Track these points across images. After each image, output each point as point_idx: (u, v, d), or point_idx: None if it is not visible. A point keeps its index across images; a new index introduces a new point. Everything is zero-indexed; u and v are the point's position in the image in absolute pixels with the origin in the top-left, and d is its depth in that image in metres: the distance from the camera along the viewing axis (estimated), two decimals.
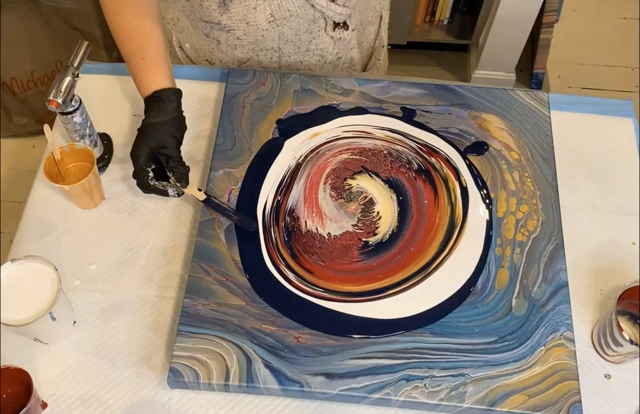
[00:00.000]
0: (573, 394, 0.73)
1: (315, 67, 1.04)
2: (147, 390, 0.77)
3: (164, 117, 0.84)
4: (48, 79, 1.84)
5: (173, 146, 0.84)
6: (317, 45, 0.99)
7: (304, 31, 0.96)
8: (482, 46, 1.98)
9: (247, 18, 0.93)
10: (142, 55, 0.85)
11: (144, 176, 0.83)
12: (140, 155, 0.82)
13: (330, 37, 0.98)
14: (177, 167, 0.84)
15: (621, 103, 1.01)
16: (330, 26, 0.97)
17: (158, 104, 0.84)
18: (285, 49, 0.98)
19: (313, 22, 0.95)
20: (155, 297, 0.83)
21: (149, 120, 0.84)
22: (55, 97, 0.82)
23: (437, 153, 0.92)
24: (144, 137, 0.83)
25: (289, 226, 0.85)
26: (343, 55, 1.04)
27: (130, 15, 0.85)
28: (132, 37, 0.85)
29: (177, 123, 0.85)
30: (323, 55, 1.02)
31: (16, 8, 1.71)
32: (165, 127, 0.84)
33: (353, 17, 0.99)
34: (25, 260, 0.76)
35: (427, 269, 0.82)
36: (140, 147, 0.83)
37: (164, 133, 0.83)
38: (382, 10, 1.10)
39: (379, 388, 0.73)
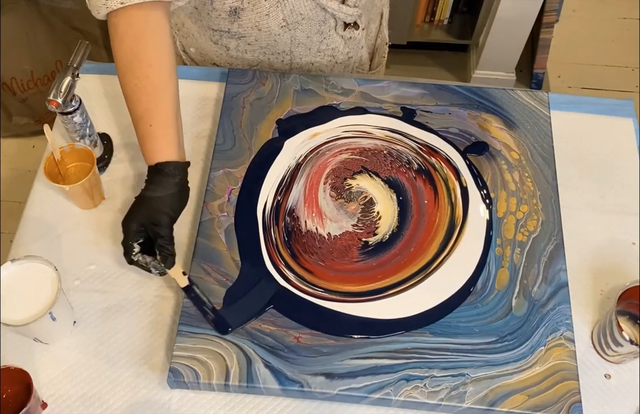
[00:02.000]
0: (573, 394, 0.73)
1: (327, 68, 1.04)
2: (147, 390, 0.77)
3: (163, 193, 0.78)
4: (48, 79, 1.84)
5: (165, 224, 0.78)
6: (328, 45, 0.99)
7: (314, 32, 0.95)
8: (482, 46, 1.98)
9: (259, 25, 0.92)
10: (149, 122, 0.79)
11: (129, 250, 0.78)
12: (130, 228, 0.77)
13: (341, 36, 0.98)
14: (165, 247, 0.78)
15: (621, 103, 1.01)
16: (340, 26, 0.97)
17: (159, 178, 0.78)
18: (296, 51, 0.98)
19: (323, 22, 0.94)
20: (155, 297, 0.83)
21: (147, 193, 0.78)
22: (55, 97, 0.82)
23: (437, 153, 0.92)
24: (137, 210, 0.78)
25: (288, 226, 0.85)
26: (354, 54, 1.04)
27: (144, 72, 0.78)
28: (141, 99, 0.79)
29: (176, 199, 0.79)
30: (334, 55, 1.01)
31: (16, 8, 1.71)
32: (161, 204, 0.78)
33: (363, 17, 0.99)
34: (25, 260, 0.76)
35: (427, 269, 0.82)
36: (131, 218, 0.78)
37: (158, 210, 0.77)
38: (383, 8, 1.10)
39: (379, 388, 0.73)
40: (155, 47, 0.79)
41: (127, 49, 0.78)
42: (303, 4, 0.90)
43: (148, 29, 0.79)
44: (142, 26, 0.78)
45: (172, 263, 0.79)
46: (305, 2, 0.90)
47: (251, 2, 0.89)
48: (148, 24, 0.78)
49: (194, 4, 0.92)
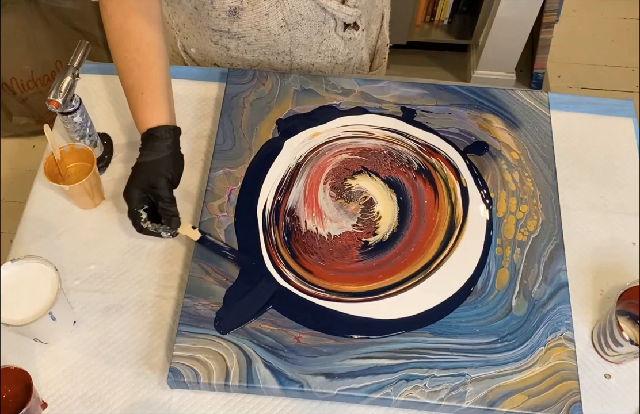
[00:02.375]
0: (573, 394, 0.73)
1: (327, 69, 1.04)
2: (147, 390, 0.77)
3: (156, 156, 0.79)
4: (48, 79, 1.84)
5: (164, 186, 0.79)
6: (328, 46, 0.99)
7: (314, 33, 0.95)
8: (482, 46, 1.98)
9: (258, 25, 0.92)
10: (140, 90, 0.81)
11: (137, 218, 0.79)
12: (132, 197, 0.79)
13: (341, 37, 0.98)
14: (168, 208, 0.79)
15: (621, 103, 1.01)
16: (340, 27, 0.97)
17: (152, 143, 0.80)
18: (296, 52, 0.98)
19: (323, 23, 0.94)
20: (155, 297, 0.83)
21: (142, 160, 0.80)
22: (55, 97, 0.82)
23: (437, 153, 0.92)
24: (135, 177, 0.79)
25: (288, 226, 0.85)
26: (354, 55, 1.04)
27: (134, 45, 0.82)
28: (132, 69, 0.82)
29: (170, 162, 0.80)
30: (334, 56, 1.01)
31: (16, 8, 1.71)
32: (157, 167, 0.79)
33: (363, 18, 0.99)
34: (25, 260, 0.76)
35: (427, 269, 0.82)
36: (131, 187, 0.79)
37: (155, 173, 0.79)
38: (384, 9, 1.10)
39: (379, 388, 0.73)
40: (146, 23, 0.82)
41: (117, 26, 0.82)
42: (303, 4, 0.90)
43: (138, 6, 0.82)
44: (132, 4, 0.82)
45: (178, 223, 0.80)
46: (305, 3, 0.90)
47: (250, 2, 0.89)
48: (138, 1, 0.82)
49: (194, 3, 0.92)
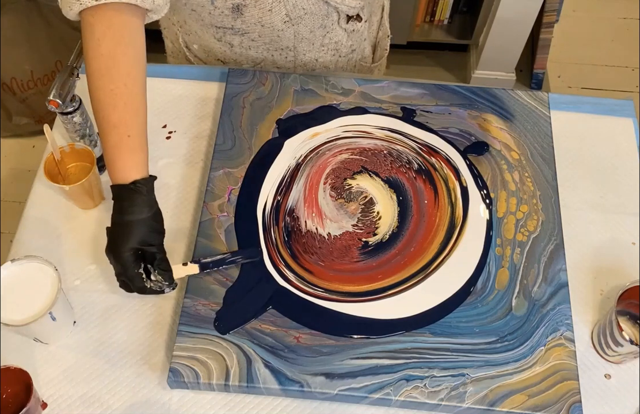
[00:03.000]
0: (573, 394, 0.73)
1: (331, 63, 1.04)
2: (147, 390, 0.77)
3: (148, 213, 0.74)
4: (48, 79, 1.84)
5: (161, 242, 0.76)
6: (331, 39, 0.99)
7: (318, 26, 0.95)
8: (482, 46, 1.98)
9: (262, 20, 0.92)
10: (127, 132, 0.74)
11: (139, 280, 0.74)
12: (128, 257, 0.72)
13: (344, 29, 0.98)
14: (163, 265, 0.75)
15: (621, 103, 1.01)
16: (343, 19, 0.96)
17: (140, 197, 0.74)
18: (300, 47, 0.98)
19: (326, 16, 0.94)
20: (155, 297, 0.83)
21: (130, 217, 0.73)
22: (55, 97, 0.82)
23: (437, 153, 0.92)
24: (127, 235, 0.73)
25: (288, 227, 0.85)
26: (357, 47, 1.04)
27: (122, 79, 0.74)
28: (117, 106, 0.73)
29: (160, 216, 0.76)
30: (338, 48, 1.01)
31: (16, 8, 1.71)
32: (150, 223, 0.74)
33: (365, 9, 0.98)
34: (25, 260, 0.76)
35: (427, 269, 0.82)
36: (125, 247, 0.72)
37: (151, 230, 0.74)
38: (384, 0, 1.10)
39: (379, 388, 0.73)
40: (133, 56, 0.75)
41: (105, 52, 0.73)
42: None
43: (127, 35, 0.75)
44: (121, 31, 0.74)
45: (172, 277, 0.76)
46: None
47: None
48: (127, 30, 0.75)
49: (191, 6, 0.92)
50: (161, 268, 0.75)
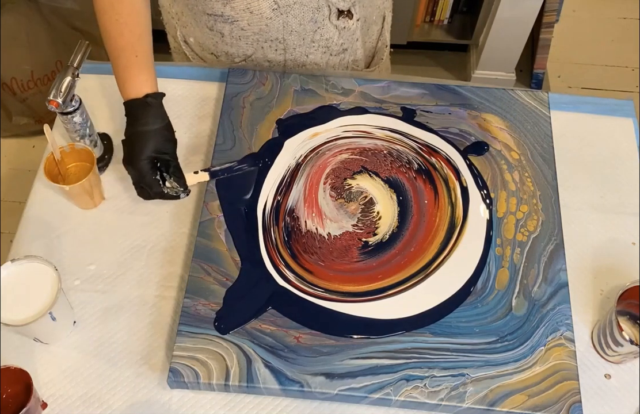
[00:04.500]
0: (573, 394, 0.73)
1: (321, 60, 1.04)
2: (147, 390, 0.77)
3: (161, 123, 0.82)
4: (48, 79, 1.84)
5: (173, 150, 0.84)
6: (322, 36, 0.99)
7: (308, 20, 0.95)
8: (482, 46, 1.98)
9: (250, 7, 0.92)
10: (134, 53, 0.82)
11: (156, 186, 0.82)
12: (144, 165, 0.81)
13: (335, 26, 0.98)
14: (178, 172, 0.84)
15: (621, 103, 1.01)
16: (334, 14, 0.96)
17: (153, 109, 0.82)
18: (290, 40, 0.98)
19: (317, 10, 0.94)
20: (155, 297, 0.83)
21: (145, 128, 0.81)
22: (55, 97, 0.82)
23: (438, 153, 0.92)
24: (143, 145, 0.81)
25: (288, 227, 0.85)
26: (348, 46, 1.03)
27: (126, 11, 0.83)
28: (124, 33, 0.82)
29: (171, 127, 0.85)
30: (329, 46, 1.01)
31: (16, 8, 1.71)
32: (164, 133, 0.83)
33: (357, 7, 0.98)
34: (25, 260, 0.76)
35: (427, 269, 0.82)
36: (142, 156, 0.81)
37: (164, 139, 0.82)
38: (385, 11, 1.10)
39: (379, 388, 0.73)
40: None
41: None
42: None
43: None
44: None
45: (186, 183, 0.85)
46: None
47: None
48: None
49: None
50: (175, 175, 0.84)
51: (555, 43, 2.02)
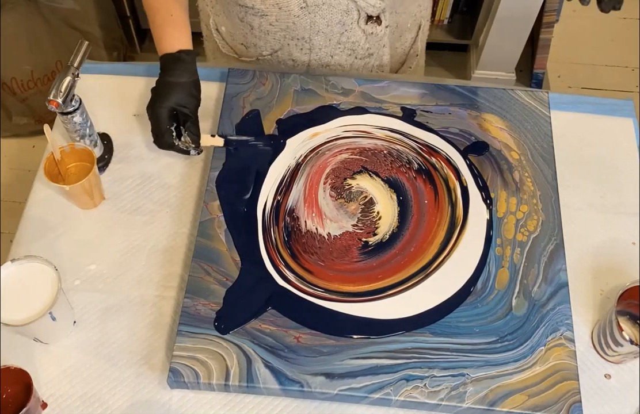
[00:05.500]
0: (573, 394, 0.73)
1: (346, 63, 1.03)
2: (147, 390, 0.77)
3: (188, 78, 0.86)
4: (48, 79, 1.84)
5: (194, 106, 0.87)
6: (348, 38, 0.98)
7: (335, 22, 0.95)
8: (482, 46, 1.98)
9: (279, 3, 0.92)
10: (169, 12, 0.88)
11: (168, 136, 0.86)
12: (163, 113, 0.85)
13: (362, 30, 0.97)
14: (193, 128, 0.87)
15: (621, 103, 1.01)
16: (363, 19, 0.96)
17: (182, 64, 0.86)
18: (316, 40, 0.98)
19: (346, 13, 0.94)
20: (155, 297, 0.83)
21: (172, 79, 0.86)
22: (55, 97, 0.82)
23: (438, 153, 0.92)
24: (166, 94, 0.85)
25: (288, 227, 0.85)
26: (375, 52, 1.02)
27: None
28: None
29: (198, 85, 0.88)
30: (354, 49, 1.00)
31: (16, 8, 1.71)
32: (189, 88, 0.86)
33: (387, 14, 0.97)
34: (25, 260, 0.76)
35: (427, 269, 0.82)
36: (162, 104, 0.85)
37: (187, 93, 0.86)
38: (422, 19, 1.08)
39: (379, 388, 0.73)
40: None
41: None
42: None
43: None
44: None
45: (199, 144, 0.88)
46: None
47: None
48: None
49: None
50: (191, 130, 0.87)
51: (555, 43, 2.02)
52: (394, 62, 1.10)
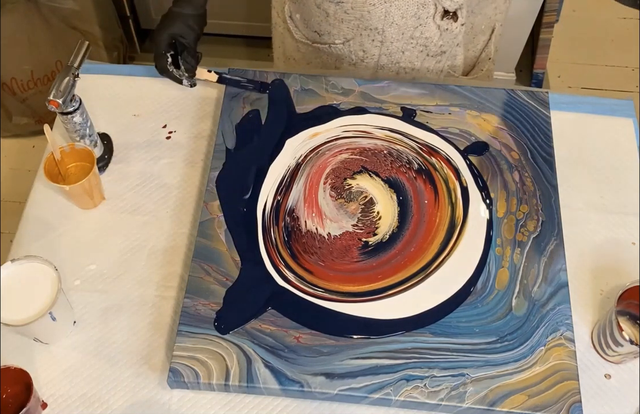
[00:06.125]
0: (573, 394, 0.73)
1: (417, 60, 1.02)
2: (147, 390, 0.77)
3: (192, 11, 0.92)
4: (48, 79, 1.84)
5: (192, 38, 0.92)
6: (422, 33, 0.97)
7: (411, 14, 0.94)
8: None
9: None
10: None
11: (163, 60, 0.92)
12: (161, 39, 0.91)
13: (437, 26, 0.96)
14: (189, 58, 0.92)
15: (621, 103, 1.01)
16: (439, 14, 0.94)
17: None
18: (388, 32, 0.96)
19: (423, 6, 0.93)
20: (155, 297, 0.83)
21: (176, 9, 0.92)
22: (55, 97, 0.82)
23: (438, 153, 0.92)
24: (167, 23, 0.91)
25: (288, 227, 0.85)
26: (447, 50, 1.01)
27: None
28: None
29: (202, 19, 0.93)
30: (427, 45, 0.99)
31: (16, 8, 1.71)
32: (189, 20, 0.91)
33: (465, 11, 0.96)
34: (25, 260, 0.76)
35: (427, 269, 0.82)
36: (162, 31, 0.91)
37: (187, 24, 0.91)
38: (496, 23, 1.06)
39: (379, 388, 0.73)
40: None
41: None
42: None
43: None
44: None
45: (194, 74, 0.94)
46: None
47: None
48: None
49: None
50: (186, 60, 0.92)
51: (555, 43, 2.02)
52: (466, 65, 1.08)
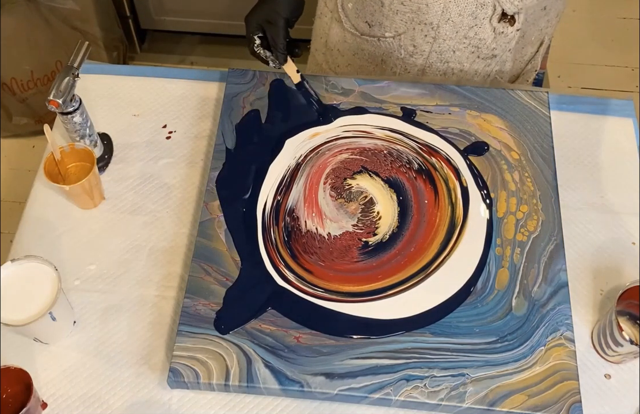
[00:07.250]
0: (573, 394, 0.73)
1: (467, 61, 1.00)
2: (147, 390, 0.77)
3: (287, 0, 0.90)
4: (48, 79, 1.84)
5: (280, 26, 0.89)
6: (476, 34, 0.95)
7: (468, 13, 0.92)
8: None
9: None
10: None
11: (251, 43, 0.92)
12: (250, 23, 0.91)
13: (493, 28, 0.94)
14: (278, 45, 0.90)
15: (621, 103, 1.01)
16: (496, 16, 0.93)
17: None
18: (443, 29, 0.95)
19: (481, 6, 0.91)
20: (155, 297, 0.83)
21: None
22: (55, 97, 0.82)
23: (438, 153, 0.92)
24: (259, 8, 0.91)
25: (288, 227, 0.85)
26: (499, 54, 0.99)
27: None
28: None
29: (293, 6, 0.90)
30: (479, 47, 0.98)
31: (16, 8, 1.71)
32: (279, 7, 0.89)
33: (522, 16, 0.94)
34: (25, 260, 0.76)
35: (427, 269, 0.82)
36: (252, 15, 0.91)
37: (276, 12, 0.89)
38: (545, 36, 1.06)
39: (379, 388, 0.73)
40: None
41: None
42: None
43: None
44: None
45: (284, 61, 0.92)
46: None
47: None
48: None
49: None
50: (274, 45, 0.91)
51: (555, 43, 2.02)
52: (511, 74, 1.07)
